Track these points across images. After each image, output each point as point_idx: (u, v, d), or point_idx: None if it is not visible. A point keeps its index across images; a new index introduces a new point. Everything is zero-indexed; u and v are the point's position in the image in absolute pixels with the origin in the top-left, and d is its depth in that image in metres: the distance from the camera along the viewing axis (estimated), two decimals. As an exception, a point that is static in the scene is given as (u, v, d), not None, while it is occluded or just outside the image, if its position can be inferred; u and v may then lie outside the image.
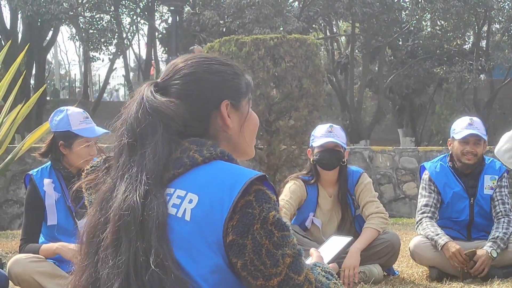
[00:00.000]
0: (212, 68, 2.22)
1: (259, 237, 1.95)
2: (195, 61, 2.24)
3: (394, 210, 12.13)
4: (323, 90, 11.36)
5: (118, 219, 1.98)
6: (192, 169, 2.04)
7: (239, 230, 1.95)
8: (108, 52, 26.20)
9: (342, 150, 5.82)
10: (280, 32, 17.59)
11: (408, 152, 13.06)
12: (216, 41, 10.80)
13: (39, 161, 8.96)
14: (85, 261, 2.04)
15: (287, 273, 1.96)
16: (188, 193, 2.00)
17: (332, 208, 5.93)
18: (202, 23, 20.69)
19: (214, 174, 2.03)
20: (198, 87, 2.17)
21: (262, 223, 1.96)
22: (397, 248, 5.75)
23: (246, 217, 1.96)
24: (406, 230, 8.75)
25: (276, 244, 1.96)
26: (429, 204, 5.90)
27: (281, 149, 10.48)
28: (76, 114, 4.99)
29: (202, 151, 2.06)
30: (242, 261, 1.95)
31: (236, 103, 2.21)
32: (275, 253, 1.95)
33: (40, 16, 20.90)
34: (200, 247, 1.96)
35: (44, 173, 5.05)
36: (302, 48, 10.36)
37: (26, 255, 4.84)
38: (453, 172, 5.93)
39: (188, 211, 1.98)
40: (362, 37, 25.16)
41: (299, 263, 1.99)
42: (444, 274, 5.63)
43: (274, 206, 2.00)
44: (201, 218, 1.96)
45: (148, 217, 1.96)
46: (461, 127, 5.86)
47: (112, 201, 2.03)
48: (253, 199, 1.98)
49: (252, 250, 1.94)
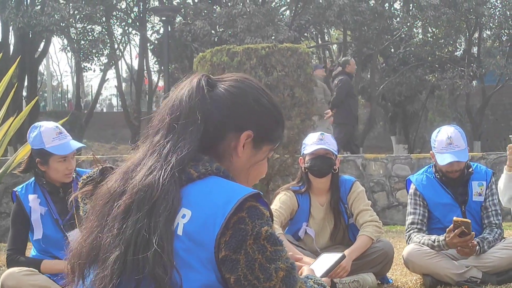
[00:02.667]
0: (260, 99, 2.21)
1: (252, 252, 1.95)
2: (251, 84, 2.24)
3: (388, 218, 12.11)
4: (316, 98, 11.37)
5: (136, 193, 2.01)
6: (187, 185, 2.04)
7: (231, 246, 1.95)
8: (100, 62, 26.21)
9: (334, 157, 5.82)
10: (271, 41, 17.60)
11: (401, 160, 13.06)
12: (208, 51, 10.80)
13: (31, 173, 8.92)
14: (94, 223, 2.06)
15: (281, 287, 1.96)
16: (181, 208, 2.00)
17: (324, 217, 5.93)
18: (193, 33, 20.69)
19: (208, 190, 2.03)
20: (237, 102, 2.17)
21: (255, 239, 1.96)
22: (391, 257, 5.75)
23: (239, 233, 1.96)
24: (399, 238, 8.74)
25: (269, 259, 1.96)
26: (414, 222, 5.88)
27: (274, 158, 10.47)
28: (49, 130, 4.95)
29: (197, 166, 2.07)
30: (235, 276, 1.95)
31: (258, 142, 2.20)
32: (268, 268, 1.95)
33: (32, 28, 20.87)
34: (192, 263, 1.96)
35: (29, 189, 5.06)
36: (294, 57, 10.37)
37: (20, 268, 4.84)
38: (440, 182, 5.91)
39: (181, 226, 1.98)
40: (354, 45, 25.21)
41: (293, 276, 1.99)
42: (437, 282, 5.63)
43: (267, 221, 2.01)
44: (193, 234, 1.97)
45: (163, 200, 1.98)
46: (441, 147, 5.73)
47: (135, 173, 2.05)
48: (245, 216, 1.98)
49: (245, 265, 1.94)
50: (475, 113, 25.24)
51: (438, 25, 23.55)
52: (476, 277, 5.58)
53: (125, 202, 2.01)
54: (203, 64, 10.49)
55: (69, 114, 16.92)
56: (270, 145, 2.24)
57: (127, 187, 2.04)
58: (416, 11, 22.45)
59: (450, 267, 5.64)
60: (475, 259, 5.69)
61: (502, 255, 5.69)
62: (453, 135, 5.75)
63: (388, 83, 24.40)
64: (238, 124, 2.15)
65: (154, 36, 27.20)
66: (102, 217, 2.05)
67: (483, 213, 5.91)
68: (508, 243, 5.77)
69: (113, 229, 2.00)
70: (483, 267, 5.65)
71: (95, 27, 24.52)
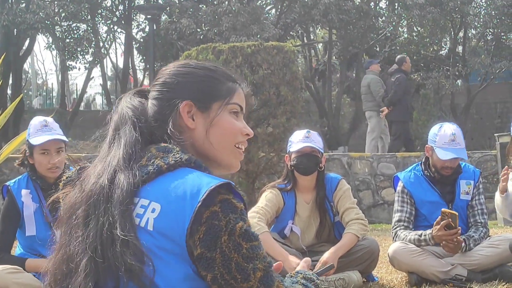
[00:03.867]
0: (180, 71, 2.26)
1: (227, 250, 1.92)
2: (172, 68, 2.30)
3: (373, 216, 12.14)
4: (301, 97, 11.38)
5: (89, 198, 2.02)
6: (157, 177, 2.03)
7: (206, 243, 1.92)
8: (85, 61, 26.12)
9: (319, 155, 5.83)
10: (257, 39, 17.58)
11: (386, 158, 13.09)
12: (194, 49, 10.81)
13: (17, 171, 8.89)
14: (62, 239, 2.07)
15: (258, 287, 1.93)
16: (151, 202, 1.99)
17: (310, 214, 5.93)
18: (179, 31, 20.65)
19: (177, 182, 2.00)
20: (164, 88, 2.22)
21: (230, 235, 1.93)
22: (376, 254, 5.76)
23: (213, 229, 1.93)
24: (385, 236, 8.76)
25: (245, 257, 1.93)
26: (401, 220, 5.91)
27: (260, 156, 10.48)
28: (37, 123, 5.03)
29: (167, 158, 2.05)
30: (212, 274, 1.93)
31: (202, 105, 2.20)
32: (245, 267, 1.93)
33: (16, 25, 20.79)
34: (165, 257, 1.94)
35: (22, 183, 5.05)
36: (280, 56, 10.39)
37: (4, 266, 4.81)
38: (428, 180, 5.92)
39: (151, 221, 1.97)
40: (339, 43, 25.23)
41: (270, 276, 1.96)
42: (423, 279, 5.64)
43: (241, 216, 1.97)
44: (164, 229, 1.95)
45: (115, 194, 1.99)
46: (444, 142, 5.76)
47: (88, 182, 2.08)
48: (219, 210, 1.94)
49: (221, 264, 1.92)
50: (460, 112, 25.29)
51: (424, 24, 23.58)
52: (461, 275, 5.59)
53: (83, 209, 2.03)
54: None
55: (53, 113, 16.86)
56: (220, 101, 2.22)
57: (82, 197, 2.06)
58: (401, 10, 22.49)
59: (435, 265, 5.65)
60: (461, 257, 5.71)
61: (488, 253, 5.71)
62: (456, 133, 5.83)
63: (373, 82, 24.41)
64: (172, 103, 2.19)
65: (140, 34, 27.17)
66: (68, 231, 2.06)
67: (469, 212, 5.93)
68: (493, 241, 5.79)
69: (78, 238, 2.00)
70: (469, 265, 5.67)
71: (80, 25, 24.43)
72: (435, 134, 5.86)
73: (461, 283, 5.49)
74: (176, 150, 2.09)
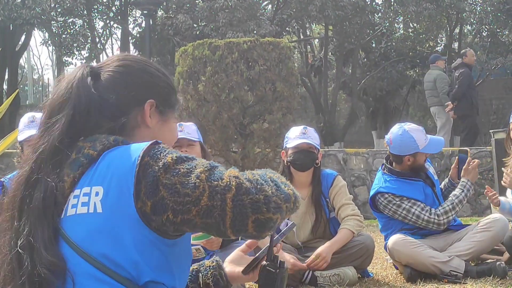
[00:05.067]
0: (147, 69, 2.28)
1: (169, 182, 1.91)
2: (134, 59, 2.30)
3: (369, 212, 12.09)
4: (297, 93, 11.39)
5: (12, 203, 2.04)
6: (91, 166, 2.04)
7: (150, 192, 1.92)
8: (81, 56, 26.07)
9: (316, 151, 5.84)
10: (253, 35, 17.58)
11: (382, 154, 13.09)
12: (190, 44, 10.81)
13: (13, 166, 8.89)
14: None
15: (210, 185, 1.90)
16: (92, 188, 2.00)
17: (306, 210, 5.94)
18: (175, 26, 20.62)
19: (110, 161, 2.02)
20: (129, 79, 2.21)
21: (165, 170, 1.93)
22: (371, 250, 5.77)
23: (150, 177, 1.93)
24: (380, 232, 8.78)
25: (185, 174, 1.92)
26: (423, 208, 5.87)
27: (256, 152, 10.50)
28: (25, 119, 5.04)
29: (95, 146, 2.07)
30: (170, 210, 1.91)
31: (161, 108, 2.25)
32: (189, 180, 1.91)
33: (12, 21, 20.74)
34: (122, 233, 1.94)
35: None
36: (276, 51, 10.40)
37: None
38: (404, 177, 5.95)
39: (98, 204, 1.97)
40: (335, 39, 25.21)
41: (217, 171, 1.94)
42: (418, 274, 5.66)
43: (170, 151, 1.99)
44: (112, 205, 1.96)
45: (36, 200, 1.99)
46: (424, 139, 5.96)
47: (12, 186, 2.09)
48: (148, 160, 1.96)
49: (169, 194, 1.91)
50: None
51: (420, 20, 23.59)
52: (458, 270, 5.61)
53: (8, 216, 2.04)
54: (185, 57, 10.49)
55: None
56: (171, 110, 2.30)
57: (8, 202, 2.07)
58: (397, 6, 22.46)
59: (434, 256, 5.68)
60: (456, 248, 5.77)
61: (481, 238, 5.79)
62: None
63: (369, 78, 24.44)
64: (138, 98, 2.20)
65: (136, 29, 27.11)
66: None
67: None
68: (482, 226, 5.87)
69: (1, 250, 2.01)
70: (465, 254, 5.72)
71: (76, 20, 24.38)
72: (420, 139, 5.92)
73: (456, 279, 5.51)
74: (102, 136, 2.10)
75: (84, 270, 1.95)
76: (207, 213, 1.89)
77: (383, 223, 6.12)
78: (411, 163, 5.91)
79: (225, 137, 10.32)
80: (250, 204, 1.88)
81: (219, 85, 10.18)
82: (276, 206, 1.92)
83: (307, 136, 5.83)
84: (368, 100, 26.64)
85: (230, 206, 1.88)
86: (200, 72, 10.31)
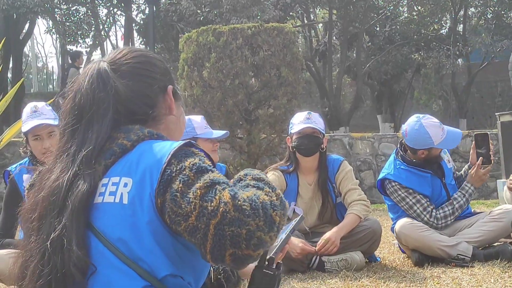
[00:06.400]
0: (157, 57, 2.32)
1: (175, 186, 1.92)
2: (142, 49, 2.35)
3: (375, 197, 12.15)
4: (302, 78, 11.37)
5: (45, 200, 2.02)
6: (123, 156, 2.06)
7: (162, 191, 1.94)
8: (85, 44, 26.07)
9: (321, 136, 5.83)
10: (257, 21, 17.52)
11: (387, 138, 13.09)
12: (194, 31, 10.78)
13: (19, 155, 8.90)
14: (23, 244, 2.09)
15: (201, 204, 1.86)
16: (121, 178, 2.01)
17: (312, 196, 5.94)
18: (179, 13, 20.59)
19: (142, 154, 2.03)
20: (151, 67, 2.24)
21: (179, 173, 1.93)
22: (379, 235, 5.78)
23: (166, 175, 1.94)
24: (387, 216, 8.76)
25: (189, 185, 1.91)
26: (425, 206, 5.85)
27: (261, 138, 10.49)
28: (28, 109, 5.04)
29: (129, 136, 2.08)
30: (166, 214, 1.92)
31: (175, 94, 2.29)
32: (188, 192, 1.89)
33: (16, 9, 20.72)
34: (143, 226, 1.96)
35: (23, 169, 5.06)
36: (280, 37, 10.37)
37: (8, 251, 4.82)
38: (415, 167, 5.93)
39: (125, 195, 1.99)
40: (340, 24, 25.14)
41: (213, 190, 1.89)
42: (425, 258, 5.66)
43: (197, 156, 1.98)
44: (138, 199, 1.97)
45: (69, 197, 1.99)
46: (440, 135, 5.87)
47: (46, 183, 2.07)
48: (173, 161, 1.97)
49: (170, 199, 1.92)
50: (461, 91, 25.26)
51: (424, 3, 23.52)
52: (466, 254, 5.60)
53: (39, 213, 2.04)
54: (189, 44, 10.47)
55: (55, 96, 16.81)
56: (179, 95, 2.34)
57: (40, 199, 2.05)
58: (401, -11, 22.43)
59: (441, 240, 5.68)
60: (465, 234, 5.77)
61: (491, 228, 5.79)
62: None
63: (374, 62, 24.38)
64: (161, 86, 2.24)
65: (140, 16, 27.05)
66: (26, 235, 2.08)
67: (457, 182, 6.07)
68: (494, 215, 5.86)
69: (31, 242, 2.02)
70: (474, 242, 5.71)
71: (80, 8, 24.34)
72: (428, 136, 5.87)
73: (463, 263, 5.51)
74: (136, 127, 2.12)
75: (107, 260, 1.97)
76: (192, 232, 1.87)
77: (390, 205, 6.12)
78: (425, 156, 5.89)
79: (230, 123, 10.31)
80: (230, 237, 1.83)
81: (224, 71, 10.17)
82: (258, 243, 1.85)
83: (311, 121, 5.83)
84: (373, 84, 26.60)
85: (212, 233, 1.84)
86: (205, 59, 10.29)
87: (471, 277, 5.01)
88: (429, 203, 5.87)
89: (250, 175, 2.09)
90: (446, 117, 23.45)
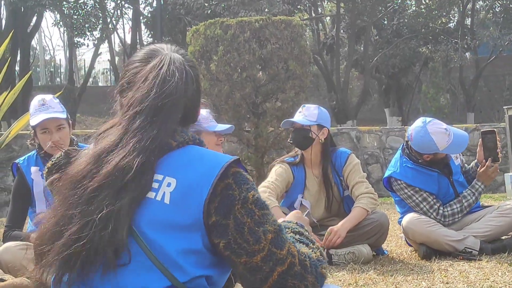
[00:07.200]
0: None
1: (240, 216, 2.00)
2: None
3: (382, 190, 12.10)
4: (309, 71, 11.36)
5: (108, 176, 2.01)
6: (167, 154, 2.08)
7: (221, 212, 2.00)
8: (92, 37, 26.09)
9: (309, 128, 5.85)
10: (265, 14, 17.52)
11: (395, 132, 13.08)
12: (201, 24, 10.78)
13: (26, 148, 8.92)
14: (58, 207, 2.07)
15: (270, 248, 2.00)
16: (166, 177, 2.04)
17: (319, 188, 5.95)
18: (187, 6, 20.61)
19: (190, 158, 2.09)
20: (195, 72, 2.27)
21: (243, 203, 2.02)
22: (386, 228, 5.77)
23: (228, 199, 2.01)
24: (394, 210, 8.76)
25: (257, 222, 2.01)
26: (432, 204, 5.81)
27: (269, 131, 10.49)
28: (36, 102, 5.01)
29: (174, 137, 2.11)
30: (226, 240, 2.00)
31: None
32: (256, 231, 2.00)
33: (23, 2, 20.77)
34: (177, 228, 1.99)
35: (31, 161, 5.06)
36: (288, 30, 10.37)
37: (16, 243, 4.83)
38: (421, 165, 5.90)
39: (168, 194, 2.02)
40: (347, 17, 25.13)
41: (281, 238, 2.03)
42: (432, 252, 5.65)
43: (252, 186, 2.07)
44: (179, 201, 2.01)
45: (133, 184, 2.00)
46: (446, 140, 5.80)
47: (110, 157, 2.05)
48: (232, 182, 2.04)
49: (234, 229, 1.99)
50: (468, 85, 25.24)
51: (432, -3, 23.50)
52: (473, 248, 5.60)
53: (94, 184, 2.01)
54: (197, 37, 10.47)
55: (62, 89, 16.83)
56: None
57: (100, 171, 2.03)
58: (409, -18, 22.39)
59: (449, 234, 5.67)
60: (473, 229, 5.75)
61: (499, 223, 5.77)
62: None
63: (381, 55, 24.37)
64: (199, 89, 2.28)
65: (147, 9, 27.12)
66: (67, 201, 2.05)
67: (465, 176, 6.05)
68: (503, 211, 5.84)
69: (77, 206, 2.01)
70: (481, 236, 5.70)
71: (88, 1, 24.39)
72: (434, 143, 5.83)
73: (471, 256, 5.50)
74: (179, 129, 2.16)
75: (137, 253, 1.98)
76: (252, 270, 2.01)
77: (398, 200, 6.11)
78: (431, 159, 5.86)
79: (238, 116, 10.31)
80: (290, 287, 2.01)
81: (231, 64, 10.17)
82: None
83: (301, 114, 5.91)
84: (380, 77, 26.59)
85: (274, 278, 2.01)
86: (212, 52, 10.30)
87: (478, 270, 5.00)
88: (435, 201, 5.85)
89: (289, 228, 2.25)
90: (453, 111, 23.44)
